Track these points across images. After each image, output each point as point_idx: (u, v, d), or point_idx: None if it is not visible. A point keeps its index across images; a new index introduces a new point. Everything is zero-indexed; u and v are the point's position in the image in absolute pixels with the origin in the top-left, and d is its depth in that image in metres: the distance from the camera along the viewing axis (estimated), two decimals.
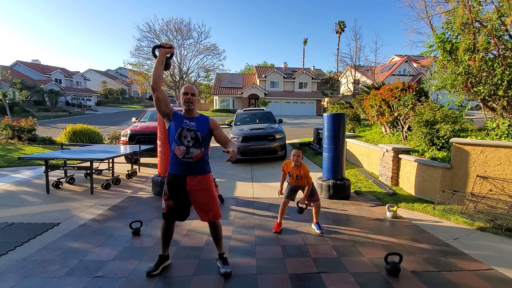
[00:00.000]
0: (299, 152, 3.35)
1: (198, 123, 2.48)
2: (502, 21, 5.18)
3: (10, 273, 2.51)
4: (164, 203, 2.52)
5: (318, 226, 3.50)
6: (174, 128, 2.46)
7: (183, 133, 2.42)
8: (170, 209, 2.50)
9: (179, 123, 2.45)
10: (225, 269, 2.54)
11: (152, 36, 24.85)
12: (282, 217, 3.56)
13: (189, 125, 2.44)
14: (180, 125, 2.44)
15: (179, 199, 2.50)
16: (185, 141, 2.42)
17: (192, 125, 2.45)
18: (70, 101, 39.10)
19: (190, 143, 2.42)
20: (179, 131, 2.43)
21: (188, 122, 2.46)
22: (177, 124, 2.45)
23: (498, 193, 3.99)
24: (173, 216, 2.53)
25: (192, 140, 2.42)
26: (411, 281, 2.46)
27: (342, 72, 40.88)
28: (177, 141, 2.43)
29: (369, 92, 11.46)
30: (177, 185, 2.47)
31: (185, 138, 2.42)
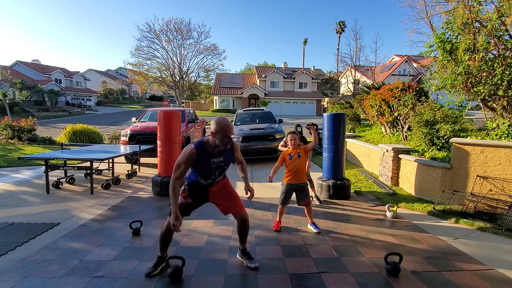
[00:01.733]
0: (294, 135, 3.46)
1: (225, 156, 2.45)
2: (502, 21, 5.18)
3: (10, 273, 2.51)
4: (180, 199, 2.48)
5: (315, 226, 3.51)
6: (200, 167, 2.38)
7: (211, 172, 2.43)
8: (186, 206, 2.50)
9: (206, 163, 2.36)
10: (253, 263, 2.62)
11: (152, 36, 24.85)
12: (281, 216, 3.59)
13: (217, 163, 2.41)
14: (208, 165, 2.38)
15: (198, 200, 2.56)
16: (213, 176, 2.47)
17: (219, 161, 2.42)
18: (70, 101, 39.10)
19: (217, 177, 2.50)
20: (207, 172, 2.40)
21: (215, 159, 2.39)
22: (204, 164, 2.36)
23: (498, 193, 3.99)
24: (185, 211, 2.51)
25: (219, 175, 2.50)
26: (411, 281, 2.46)
27: (342, 72, 40.86)
28: (204, 177, 2.44)
29: (369, 92, 11.47)
30: (199, 190, 2.52)
31: (213, 174, 2.46)
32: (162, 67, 25.89)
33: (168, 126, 5.00)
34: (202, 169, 2.39)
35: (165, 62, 25.82)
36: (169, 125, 5.00)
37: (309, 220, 3.59)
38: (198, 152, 2.31)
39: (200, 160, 2.33)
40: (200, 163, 2.35)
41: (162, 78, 26.34)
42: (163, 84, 26.83)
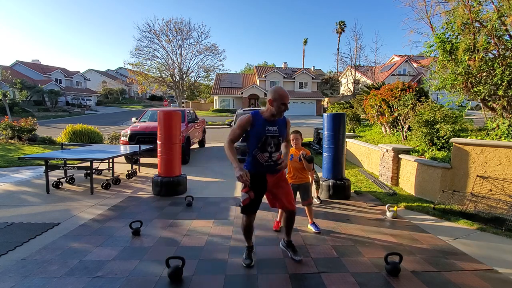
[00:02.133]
0: (297, 135, 3.43)
1: (279, 127, 2.49)
2: (502, 21, 5.18)
3: (10, 273, 2.51)
4: (243, 196, 2.54)
5: (315, 226, 3.52)
6: (256, 134, 2.44)
7: (267, 141, 2.45)
8: (251, 201, 2.53)
9: (262, 129, 2.43)
10: (298, 257, 2.72)
11: (152, 36, 24.83)
12: (282, 216, 3.57)
13: (272, 131, 2.46)
14: (263, 132, 2.43)
15: (259, 191, 2.56)
16: (268, 147, 2.47)
17: (274, 130, 2.47)
18: (70, 101, 39.11)
19: (272, 149, 2.49)
20: (263, 139, 2.44)
21: (271, 128, 2.45)
22: (259, 131, 2.43)
23: (498, 193, 3.99)
24: (252, 208, 2.58)
25: (274, 146, 2.49)
26: (411, 281, 2.46)
27: (342, 72, 40.87)
28: (260, 148, 2.47)
29: (369, 92, 11.47)
30: (257, 179, 2.53)
31: (269, 145, 2.47)
32: (162, 67, 25.88)
33: (168, 126, 5.00)
34: (258, 137, 2.43)
35: (165, 62, 25.82)
36: (169, 125, 5.00)
37: (309, 220, 3.59)
38: (254, 118, 2.44)
39: (255, 126, 2.44)
40: (255, 129, 2.44)
41: (162, 78, 26.33)
42: (163, 84, 26.81)
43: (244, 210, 2.59)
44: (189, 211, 4.24)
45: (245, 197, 2.53)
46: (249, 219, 2.63)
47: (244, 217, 2.63)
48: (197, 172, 6.76)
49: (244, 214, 2.62)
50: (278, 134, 2.49)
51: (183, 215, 4.03)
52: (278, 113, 2.43)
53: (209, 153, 9.67)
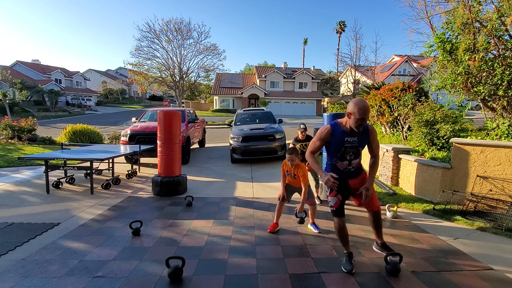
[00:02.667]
0: (292, 156, 3.33)
1: (359, 137, 2.48)
2: (502, 21, 5.18)
3: (10, 273, 2.51)
4: (332, 200, 2.62)
5: (315, 226, 3.51)
6: (335, 146, 2.50)
7: (346, 151, 2.50)
8: (340, 204, 2.61)
9: (341, 141, 2.47)
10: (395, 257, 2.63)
11: (152, 36, 24.83)
12: (278, 218, 3.56)
13: (351, 142, 2.47)
14: (342, 144, 2.47)
15: (344, 193, 2.63)
16: (347, 156, 2.52)
17: (353, 140, 2.48)
18: (70, 101, 39.10)
19: (351, 157, 2.53)
20: (342, 150, 2.49)
21: (350, 139, 2.47)
22: (338, 142, 2.48)
23: (498, 193, 3.99)
24: (342, 210, 2.62)
25: (353, 155, 2.53)
26: (411, 281, 2.46)
27: (342, 72, 40.88)
28: (339, 158, 2.53)
29: (369, 92, 11.47)
30: (340, 183, 2.55)
31: (348, 154, 2.52)
32: (162, 67, 25.86)
33: (168, 126, 5.00)
34: (337, 148, 2.48)
35: (165, 62, 25.80)
36: (169, 125, 5.00)
37: (310, 220, 3.58)
38: (333, 130, 2.48)
39: (334, 137, 2.48)
40: (334, 140, 2.48)
41: (162, 78, 26.31)
42: (163, 84, 26.80)
43: (336, 213, 2.63)
44: (189, 211, 4.24)
45: (334, 200, 2.61)
46: (341, 222, 2.63)
47: (336, 220, 2.64)
48: (197, 172, 6.76)
49: (336, 217, 2.64)
50: (358, 144, 2.51)
51: (183, 215, 4.03)
52: (355, 127, 2.40)
53: (209, 153, 9.67)
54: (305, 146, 4.59)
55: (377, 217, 2.73)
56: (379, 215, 2.74)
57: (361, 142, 2.52)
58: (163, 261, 2.53)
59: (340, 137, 2.46)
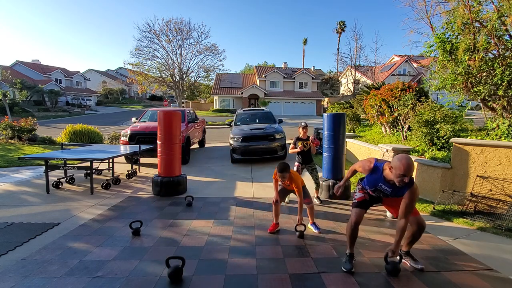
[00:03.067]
0: (283, 174, 3.19)
1: (394, 189, 2.48)
2: (502, 21, 5.18)
3: (10, 273, 2.51)
4: (358, 195, 2.74)
5: (315, 226, 3.52)
6: (369, 182, 2.62)
7: (376, 191, 2.63)
8: (364, 200, 2.71)
9: (375, 183, 2.56)
10: (420, 265, 2.64)
11: (152, 36, 24.82)
12: (277, 218, 3.55)
13: (383, 189, 2.55)
14: (375, 185, 2.58)
15: (373, 200, 2.75)
16: (377, 193, 2.66)
17: (386, 189, 2.53)
18: (70, 101, 39.09)
19: (381, 195, 2.66)
20: (373, 189, 2.63)
21: (383, 186, 2.52)
22: (372, 183, 2.59)
23: (498, 193, 3.99)
24: (365, 205, 2.72)
25: (383, 196, 2.65)
26: (411, 281, 2.46)
27: (342, 72, 40.88)
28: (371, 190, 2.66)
29: (369, 92, 11.47)
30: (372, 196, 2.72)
31: (379, 193, 2.64)
32: (162, 67, 25.85)
33: (168, 126, 5.00)
34: (370, 185, 2.61)
35: (165, 62, 25.79)
36: (169, 125, 5.00)
37: (309, 220, 3.59)
38: (374, 169, 2.55)
39: (372, 175, 2.57)
40: (371, 177, 2.59)
41: (162, 78, 26.31)
42: (163, 84, 26.79)
43: (357, 204, 2.71)
44: (189, 211, 4.24)
45: (359, 195, 2.74)
46: (358, 216, 2.65)
47: (353, 212, 2.69)
48: (197, 172, 6.77)
49: (354, 208, 2.70)
50: (389, 194, 2.55)
51: (183, 215, 4.03)
52: (397, 182, 2.34)
53: (209, 153, 9.67)
54: (306, 145, 4.58)
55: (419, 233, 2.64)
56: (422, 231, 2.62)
57: (393, 194, 2.53)
58: (163, 261, 2.53)
59: (376, 180, 2.54)
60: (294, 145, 4.62)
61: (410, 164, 2.25)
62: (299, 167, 4.68)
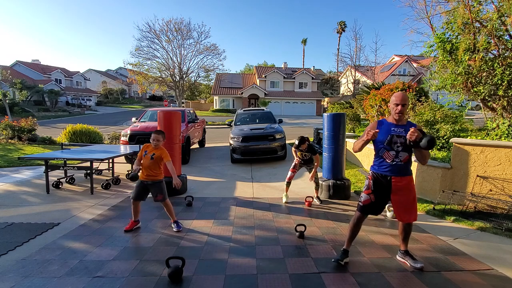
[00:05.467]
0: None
1: (406, 129, 2.50)
2: (502, 21, 5.19)
3: (10, 273, 2.51)
4: (364, 196, 2.66)
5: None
6: (382, 134, 2.57)
7: (393, 140, 2.54)
8: (370, 203, 2.63)
9: (387, 130, 2.56)
10: (419, 264, 2.63)
11: (152, 36, 24.83)
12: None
13: (398, 132, 2.53)
14: (389, 132, 2.55)
15: (381, 196, 2.62)
16: (395, 146, 2.54)
17: (401, 131, 2.52)
18: (70, 101, 39.09)
19: (399, 148, 2.53)
20: (388, 138, 2.55)
21: (396, 129, 2.54)
22: (385, 132, 2.57)
23: (498, 193, 3.99)
24: (369, 210, 2.65)
25: (401, 145, 2.52)
26: (411, 281, 2.46)
27: (342, 72, 40.88)
28: (386, 147, 2.56)
29: (369, 92, 11.48)
30: (383, 184, 2.59)
31: (395, 143, 2.53)
32: (162, 67, 25.87)
33: (168, 126, 4.99)
34: (385, 135, 2.55)
35: (165, 62, 25.81)
36: (169, 125, 5.00)
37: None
38: (379, 122, 2.65)
39: (381, 128, 2.59)
40: (382, 130, 2.58)
41: (162, 78, 26.32)
42: (163, 84, 26.80)
43: (362, 209, 2.66)
44: (189, 211, 4.24)
45: (366, 198, 2.64)
46: (360, 218, 2.67)
47: (357, 214, 2.68)
48: (197, 172, 6.76)
49: (358, 211, 2.68)
50: (405, 135, 2.50)
51: (183, 215, 4.03)
52: (393, 115, 2.53)
53: (209, 153, 9.67)
54: (304, 156, 4.60)
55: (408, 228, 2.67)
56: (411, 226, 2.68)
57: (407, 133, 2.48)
58: (163, 261, 2.53)
59: (387, 127, 2.57)
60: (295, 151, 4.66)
61: (403, 93, 2.55)
62: (299, 162, 4.69)
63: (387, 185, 2.57)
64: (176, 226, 3.49)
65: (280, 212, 4.22)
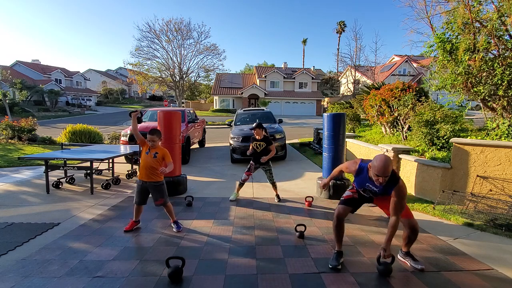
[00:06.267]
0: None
1: (380, 188, 2.50)
2: (502, 21, 5.18)
3: (10, 273, 2.51)
4: (347, 193, 2.77)
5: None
6: (357, 183, 2.68)
7: (366, 191, 2.65)
8: (351, 198, 2.72)
9: (363, 183, 2.61)
10: (420, 265, 2.63)
11: (152, 36, 24.83)
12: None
13: (370, 190, 2.60)
14: (363, 185, 2.62)
15: (363, 200, 2.76)
16: (367, 194, 2.69)
17: (373, 190, 2.58)
18: (70, 101, 39.09)
19: (372, 196, 2.70)
20: (362, 189, 2.67)
21: (371, 186, 2.57)
22: (360, 183, 2.64)
23: (498, 193, 3.99)
24: (351, 203, 2.74)
25: (373, 195, 2.67)
26: (411, 281, 2.46)
27: (342, 72, 40.87)
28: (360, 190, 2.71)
29: (369, 92, 11.46)
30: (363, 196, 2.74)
31: (368, 193, 2.68)
32: (162, 67, 25.88)
33: (168, 126, 4.99)
34: (358, 184, 2.64)
35: (165, 62, 25.82)
36: (169, 125, 5.00)
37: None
38: (359, 169, 2.61)
39: (358, 176, 2.63)
40: (358, 179, 2.64)
41: (162, 78, 26.32)
42: (163, 84, 26.80)
43: (343, 201, 2.74)
44: (189, 211, 4.24)
45: (348, 194, 2.76)
46: (342, 212, 2.69)
47: (338, 208, 2.71)
48: (197, 172, 6.76)
49: (339, 204, 2.71)
50: (377, 193, 2.57)
51: (183, 215, 4.03)
52: (376, 181, 2.41)
53: (209, 153, 9.67)
54: (258, 146, 4.64)
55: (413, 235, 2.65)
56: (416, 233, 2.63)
57: (382, 193, 2.55)
58: (163, 261, 2.53)
59: (363, 180, 2.59)
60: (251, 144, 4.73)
61: (386, 165, 2.27)
62: (252, 165, 4.71)
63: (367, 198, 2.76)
64: (176, 226, 3.49)
65: (280, 212, 4.22)
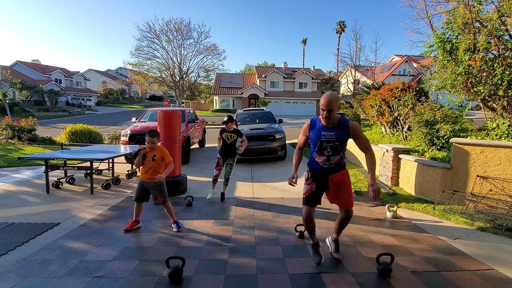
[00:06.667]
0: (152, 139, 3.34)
1: (337, 132, 2.49)
2: (502, 21, 5.19)
3: (10, 273, 2.51)
4: (305, 188, 2.68)
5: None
6: (313, 138, 2.59)
7: (322, 146, 2.53)
8: (311, 193, 2.64)
9: (318, 135, 2.54)
10: (337, 254, 2.75)
11: (152, 36, 24.82)
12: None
13: (328, 137, 2.51)
14: (319, 138, 2.54)
15: (320, 184, 2.64)
16: (325, 151, 2.53)
17: (331, 135, 2.50)
18: (70, 101, 39.09)
19: (329, 153, 2.53)
20: (318, 144, 2.54)
21: (326, 133, 2.51)
22: (316, 136, 2.56)
23: (498, 193, 3.99)
24: (313, 200, 2.65)
25: (331, 151, 2.52)
26: (411, 281, 2.46)
27: (342, 72, 40.86)
28: (317, 152, 2.57)
29: (369, 92, 11.47)
30: (320, 174, 2.63)
31: (325, 149, 2.53)
32: (162, 67, 25.85)
33: (168, 126, 5.00)
34: (315, 141, 2.56)
35: (165, 62, 25.80)
36: (169, 125, 5.00)
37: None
38: (311, 123, 2.61)
39: (313, 131, 2.59)
40: (313, 133, 2.58)
41: (162, 78, 26.31)
42: (163, 84, 26.79)
43: (306, 201, 2.67)
44: (189, 211, 4.24)
45: (306, 188, 2.67)
46: (308, 211, 2.65)
47: (304, 209, 2.67)
48: (197, 172, 6.76)
49: (304, 205, 2.68)
50: (335, 139, 2.50)
51: (183, 215, 4.03)
52: (323, 119, 2.46)
53: (209, 153, 9.67)
54: (229, 137, 4.70)
55: (348, 216, 2.71)
56: (350, 214, 2.71)
57: (338, 137, 2.49)
58: (163, 261, 2.53)
59: (318, 131, 2.54)
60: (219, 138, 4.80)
61: (329, 99, 2.36)
62: (220, 159, 4.77)
63: (325, 176, 2.62)
64: (176, 226, 3.49)
65: (280, 212, 4.22)
